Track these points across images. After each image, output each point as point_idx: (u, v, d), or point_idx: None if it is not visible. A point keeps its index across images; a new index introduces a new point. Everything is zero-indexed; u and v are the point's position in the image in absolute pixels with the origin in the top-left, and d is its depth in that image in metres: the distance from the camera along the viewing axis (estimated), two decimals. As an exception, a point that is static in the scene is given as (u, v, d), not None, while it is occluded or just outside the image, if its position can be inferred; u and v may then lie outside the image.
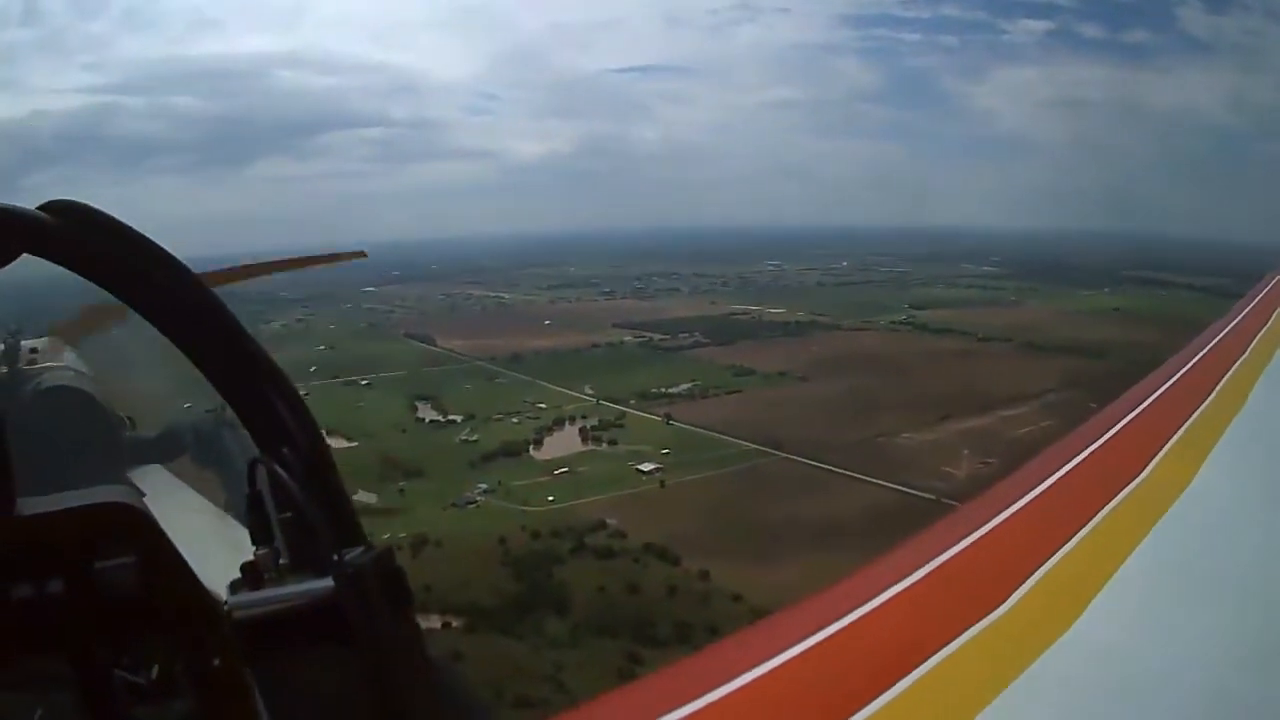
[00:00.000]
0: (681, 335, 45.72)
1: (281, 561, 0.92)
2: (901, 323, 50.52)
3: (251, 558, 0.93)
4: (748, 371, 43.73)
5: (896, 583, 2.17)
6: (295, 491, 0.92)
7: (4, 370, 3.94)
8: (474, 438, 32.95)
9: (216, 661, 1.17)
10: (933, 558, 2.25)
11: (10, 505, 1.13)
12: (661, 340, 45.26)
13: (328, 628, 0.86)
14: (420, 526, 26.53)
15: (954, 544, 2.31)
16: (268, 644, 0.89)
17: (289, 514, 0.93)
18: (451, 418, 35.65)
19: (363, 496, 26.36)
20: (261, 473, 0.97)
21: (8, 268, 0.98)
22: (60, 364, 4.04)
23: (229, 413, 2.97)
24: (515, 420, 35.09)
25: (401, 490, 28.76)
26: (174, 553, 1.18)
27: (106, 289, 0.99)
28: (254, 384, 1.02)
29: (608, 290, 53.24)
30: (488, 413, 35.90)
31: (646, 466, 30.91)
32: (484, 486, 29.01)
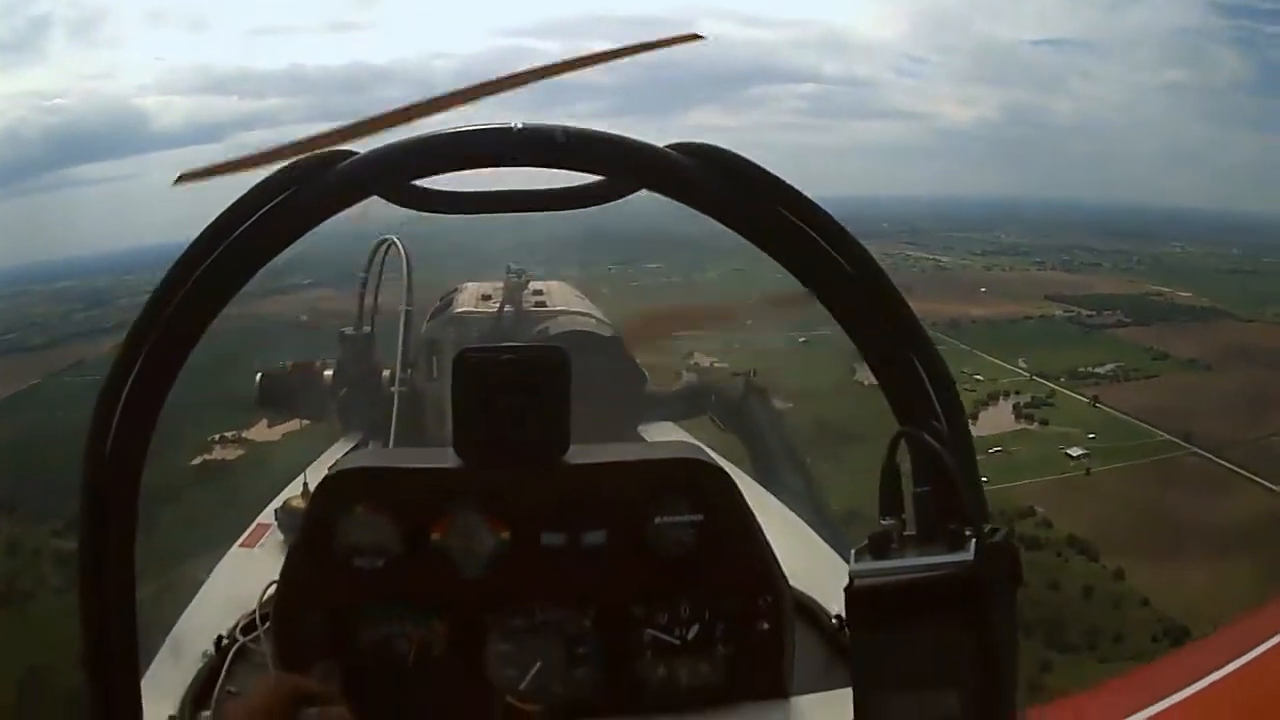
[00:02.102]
0: (1105, 313, 44.01)
1: (907, 533, 0.91)
2: (1291, 318, 45.79)
3: (880, 527, 0.91)
4: (1163, 355, 40.20)
5: None
6: (948, 463, 0.89)
7: (510, 310, 3.94)
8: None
9: (764, 625, 1.34)
10: None
11: (565, 448, 1.27)
12: (1088, 316, 43.78)
13: (952, 602, 0.84)
14: (851, 499, 24.48)
15: None
16: (888, 614, 0.87)
17: (927, 487, 0.91)
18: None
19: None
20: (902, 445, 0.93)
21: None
22: (579, 309, 4.07)
23: (756, 379, 4.22)
24: (953, 391, 34.01)
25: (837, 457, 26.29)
26: (749, 515, 1.32)
27: (738, 232, 0.96)
28: (898, 348, 0.97)
29: (1039, 260, 52.50)
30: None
31: (1075, 451, 29.98)
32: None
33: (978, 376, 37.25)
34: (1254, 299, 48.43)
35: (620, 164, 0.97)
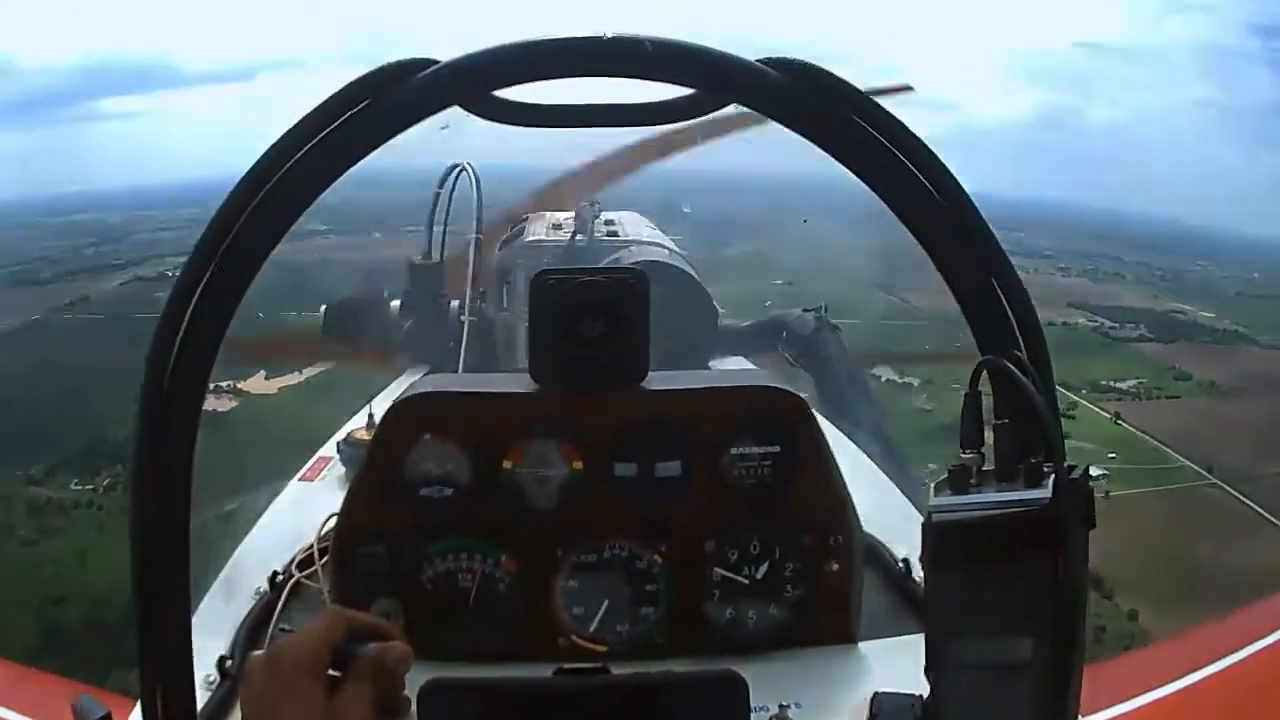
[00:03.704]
0: (1129, 326, 43.69)
1: (986, 468, 0.91)
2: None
3: (959, 461, 0.91)
4: (1185, 376, 39.53)
5: None
6: (1032, 395, 0.88)
7: (582, 239, 3.93)
8: (929, 406, 29.34)
9: (834, 567, 1.33)
10: None
11: (643, 374, 1.27)
12: (1111, 328, 43.52)
13: (1031, 540, 0.85)
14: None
15: None
16: (966, 549, 0.88)
17: (1008, 420, 0.91)
18: (908, 380, 32.28)
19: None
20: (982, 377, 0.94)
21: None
22: (652, 240, 4.05)
23: (827, 315, 4.23)
24: (972, 392, 33.27)
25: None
26: (827, 449, 1.32)
27: (827, 151, 0.96)
28: (984, 278, 0.96)
29: (1064, 266, 52.50)
30: (946, 380, 30.73)
31: (1095, 470, 27.36)
32: (933, 467, 26.32)
33: (1053, 363, 36.81)
34: (1275, 325, 48.28)
35: (710, 77, 0.96)
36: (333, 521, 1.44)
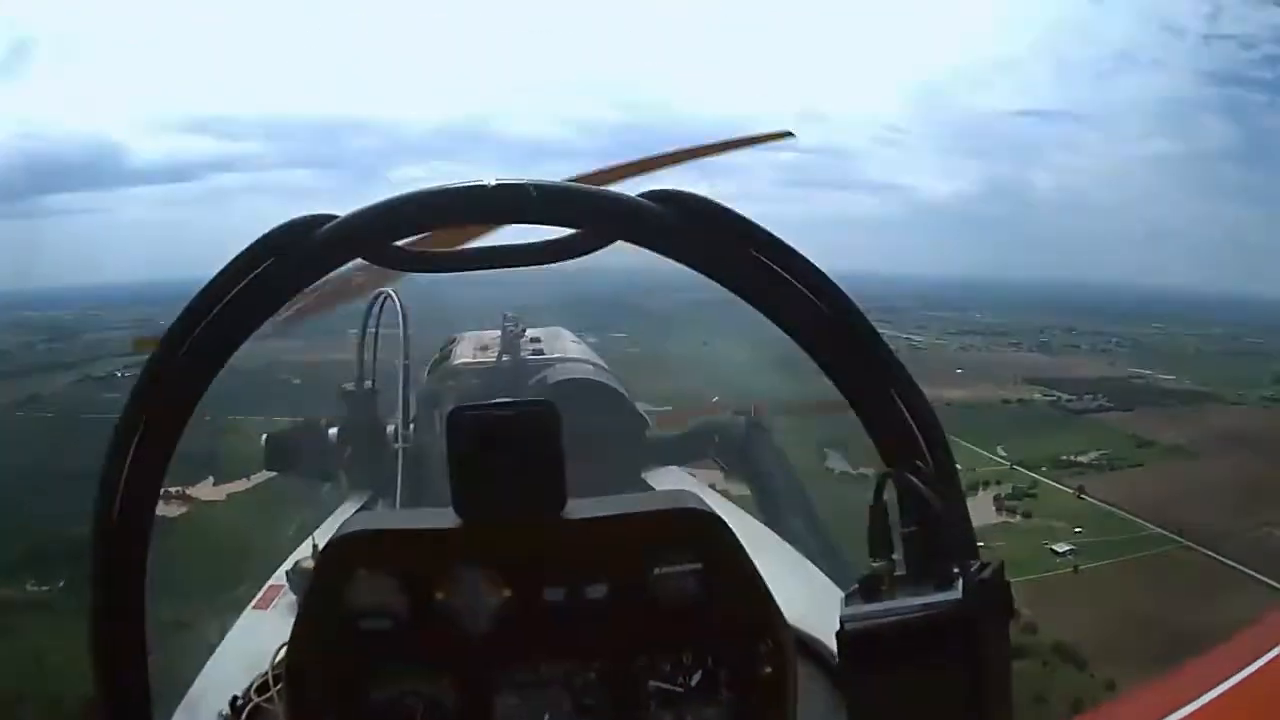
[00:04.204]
0: (1086, 397, 43.94)
1: (897, 574, 0.94)
2: (1270, 399, 44.65)
3: (871, 569, 0.95)
4: (1148, 443, 39.68)
5: None
6: (933, 505, 0.92)
7: (508, 360, 4.02)
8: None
9: (767, 669, 1.33)
10: None
11: (562, 504, 1.29)
12: (1068, 401, 43.65)
13: (944, 640, 0.87)
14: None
15: None
16: (881, 655, 0.90)
17: (914, 527, 0.94)
18: (863, 471, 31.18)
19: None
20: (888, 485, 0.98)
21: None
22: (577, 356, 4.14)
23: (760, 417, 4.25)
24: (931, 480, 33.41)
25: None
26: (747, 560, 1.32)
27: (714, 279, 1.02)
28: (881, 389, 1.01)
29: (1015, 341, 52.86)
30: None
31: (1061, 547, 29.26)
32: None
33: (956, 466, 36.90)
34: (1239, 381, 48.65)
35: (595, 216, 1.04)
36: (284, 650, 1.47)
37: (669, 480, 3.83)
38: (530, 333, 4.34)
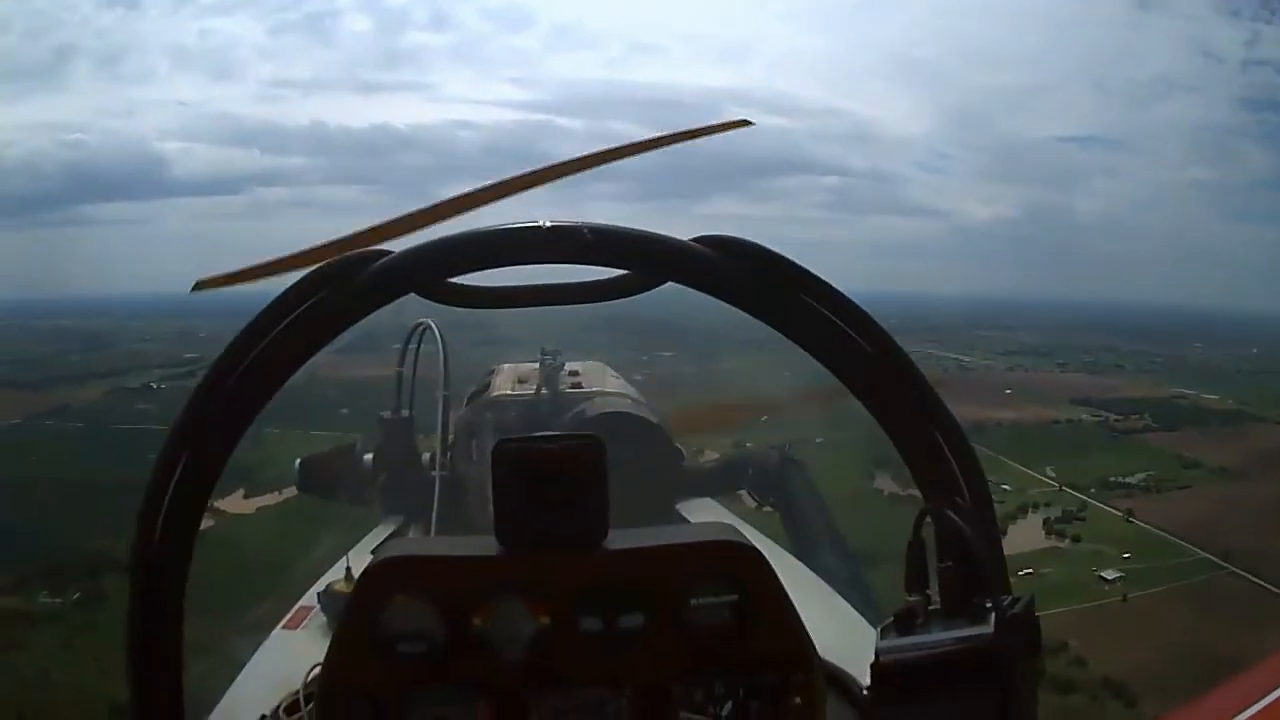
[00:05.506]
0: (1133, 417, 43.45)
1: (932, 608, 0.96)
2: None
3: (905, 603, 0.97)
4: (1194, 464, 39.49)
5: None
6: (969, 541, 0.94)
7: (547, 393, 4.03)
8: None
9: (797, 700, 1.34)
10: None
11: (603, 535, 1.31)
12: (1116, 421, 43.16)
13: (974, 674, 0.89)
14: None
15: None
16: (913, 688, 0.92)
17: (950, 563, 0.96)
18: (911, 492, 30.16)
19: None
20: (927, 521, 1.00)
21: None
22: (615, 390, 4.14)
23: (791, 450, 4.38)
24: (981, 502, 32.57)
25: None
26: (782, 592, 1.34)
27: (762, 320, 1.05)
28: (921, 425, 1.03)
29: (1062, 361, 52.16)
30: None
31: (1109, 574, 28.53)
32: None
33: (1005, 486, 35.36)
34: (1278, 399, 47.44)
35: (646, 259, 1.05)
36: (317, 670, 1.49)
37: (703, 512, 3.85)
38: (569, 366, 4.32)
